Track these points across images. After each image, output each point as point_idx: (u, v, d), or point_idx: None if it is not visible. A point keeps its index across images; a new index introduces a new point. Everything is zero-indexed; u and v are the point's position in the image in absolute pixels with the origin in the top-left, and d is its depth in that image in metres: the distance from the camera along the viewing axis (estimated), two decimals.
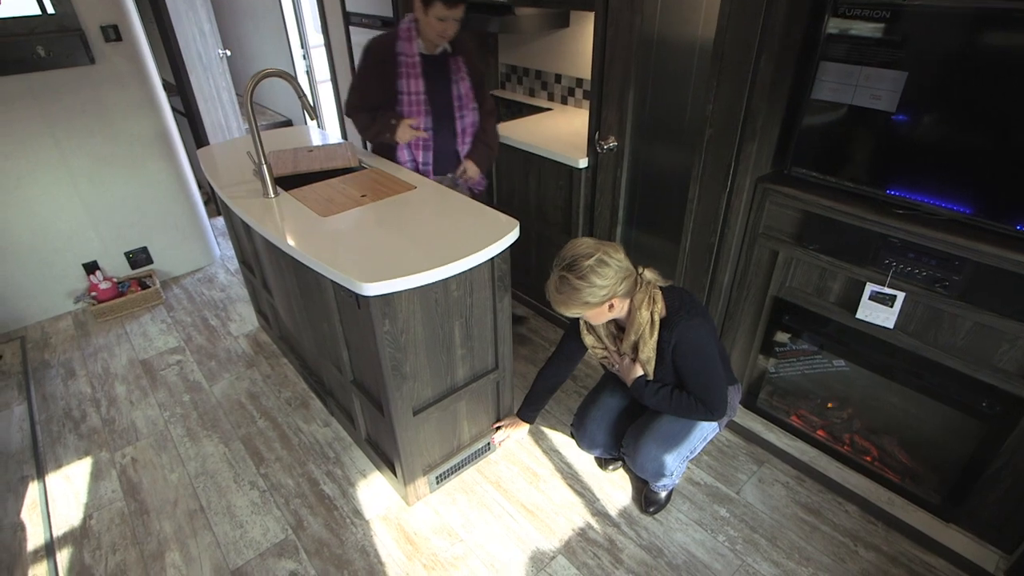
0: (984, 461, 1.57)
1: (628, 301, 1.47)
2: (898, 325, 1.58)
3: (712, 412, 1.54)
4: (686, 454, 1.69)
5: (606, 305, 1.43)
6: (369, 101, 2.06)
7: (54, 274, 2.89)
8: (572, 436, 1.91)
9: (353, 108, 2.11)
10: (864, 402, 1.88)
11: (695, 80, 1.90)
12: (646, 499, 1.86)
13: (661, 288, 1.50)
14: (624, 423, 1.81)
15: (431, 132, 2.10)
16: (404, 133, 2.05)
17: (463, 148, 2.19)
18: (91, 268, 2.97)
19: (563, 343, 1.79)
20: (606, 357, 1.67)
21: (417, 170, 2.15)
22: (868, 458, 1.88)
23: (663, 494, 1.85)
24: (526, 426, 1.95)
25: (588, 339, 1.67)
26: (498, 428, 1.98)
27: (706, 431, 1.69)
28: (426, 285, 1.46)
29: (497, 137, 2.34)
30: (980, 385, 1.49)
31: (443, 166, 2.19)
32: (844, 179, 1.56)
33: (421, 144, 2.12)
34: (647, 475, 1.72)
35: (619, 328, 1.61)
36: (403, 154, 2.14)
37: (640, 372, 1.58)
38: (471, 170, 2.19)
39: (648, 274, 1.48)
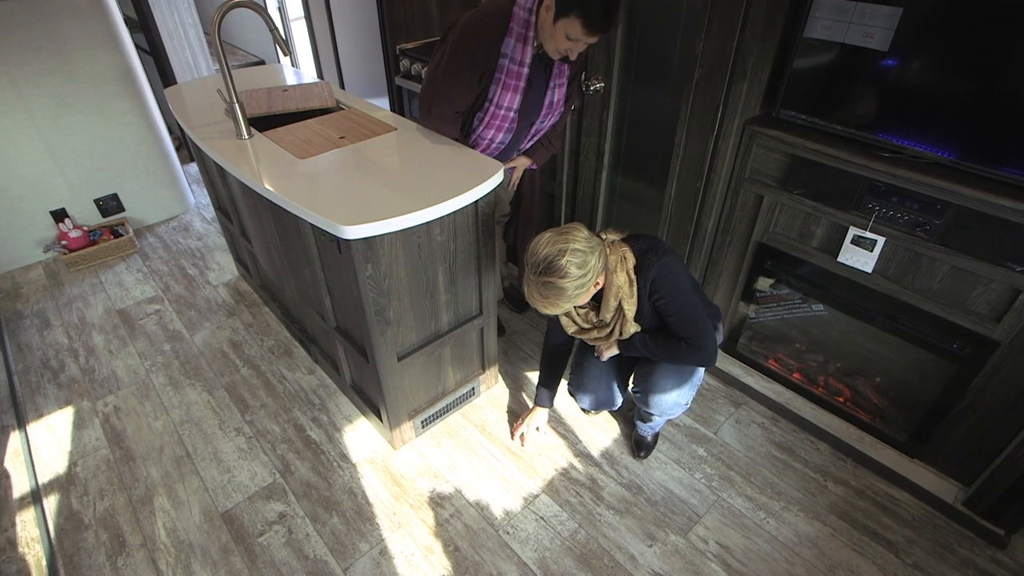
0: (951, 400, 1.63)
1: (605, 270, 1.45)
2: (878, 269, 1.60)
3: (701, 348, 1.50)
4: (697, 383, 1.70)
5: (592, 287, 1.42)
6: (457, 107, 1.70)
7: (20, 222, 2.78)
8: (572, 396, 1.88)
9: (439, 118, 1.74)
10: (840, 345, 1.92)
11: (686, 16, 1.83)
12: (637, 444, 1.90)
13: (624, 241, 1.48)
14: (617, 372, 1.80)
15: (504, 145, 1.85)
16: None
17: (526, 145, 1.92)
18: (60, 216, 2.86)
19: (549, 341, 1.81)
20: (597, 339, 1.65)
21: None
22: (841, 399, 1.95)
23: (650, 436, 1.89)
24: (546, 411, 1.94)
25: (571, 329, 1.64)
26: (520, 432, 1.94)
27: None
28: (409, 228, 1.43)
29: (563, 136, 2.05)
30: (953, 327, 1.53)
31: (502, 156, 1.93)
32: (833, 122, 1.53)
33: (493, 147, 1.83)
34: (663, 412, 1.70)
35: (594, 299, 1.57)
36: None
37: (614, 348, 1.63)
38: (520, 165, 1.96)
39: (610, 235, 1.47)
